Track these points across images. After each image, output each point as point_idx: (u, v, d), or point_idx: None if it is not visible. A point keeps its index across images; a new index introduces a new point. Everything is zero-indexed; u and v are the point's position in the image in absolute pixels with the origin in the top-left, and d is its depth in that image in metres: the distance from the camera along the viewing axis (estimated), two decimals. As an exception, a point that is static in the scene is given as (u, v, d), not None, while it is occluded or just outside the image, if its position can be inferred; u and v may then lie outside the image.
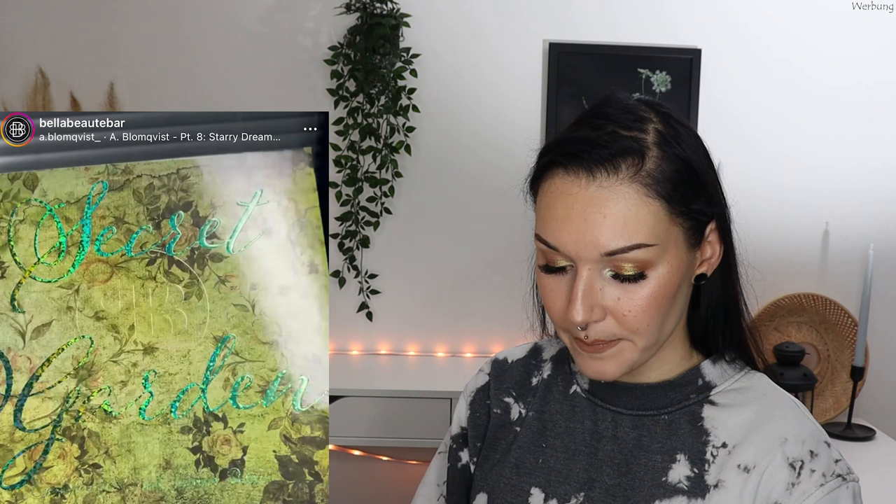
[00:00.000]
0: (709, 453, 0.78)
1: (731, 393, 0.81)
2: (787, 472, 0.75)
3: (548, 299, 0.78)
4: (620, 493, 0.79)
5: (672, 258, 0.74)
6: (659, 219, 0.73)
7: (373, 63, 2.01)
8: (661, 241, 0.73)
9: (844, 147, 2.15)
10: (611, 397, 0.83)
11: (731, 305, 0.83)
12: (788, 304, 2.13)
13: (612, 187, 0.72)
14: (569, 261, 0.75)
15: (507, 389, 0.91)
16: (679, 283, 0.76)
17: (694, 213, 0.75)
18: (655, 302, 0.74)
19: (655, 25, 2.12)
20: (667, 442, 0.79)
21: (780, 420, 0.78)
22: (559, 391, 0.87)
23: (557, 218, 0.74)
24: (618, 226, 0.72)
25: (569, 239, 0.73)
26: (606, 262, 0.73)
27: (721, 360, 0.83)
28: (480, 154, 2.15)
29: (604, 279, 0.74)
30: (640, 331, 0.75)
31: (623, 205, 0.72)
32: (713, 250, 0.79)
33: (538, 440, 0.85)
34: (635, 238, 0.72)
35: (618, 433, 0.81)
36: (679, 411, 0.81)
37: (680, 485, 0.77)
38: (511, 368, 0.93)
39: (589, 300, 0.74)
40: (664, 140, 0.75)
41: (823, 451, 0.76)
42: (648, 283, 0.73)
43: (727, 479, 0.76)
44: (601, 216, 0.72)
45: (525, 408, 0.89)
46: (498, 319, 2.17)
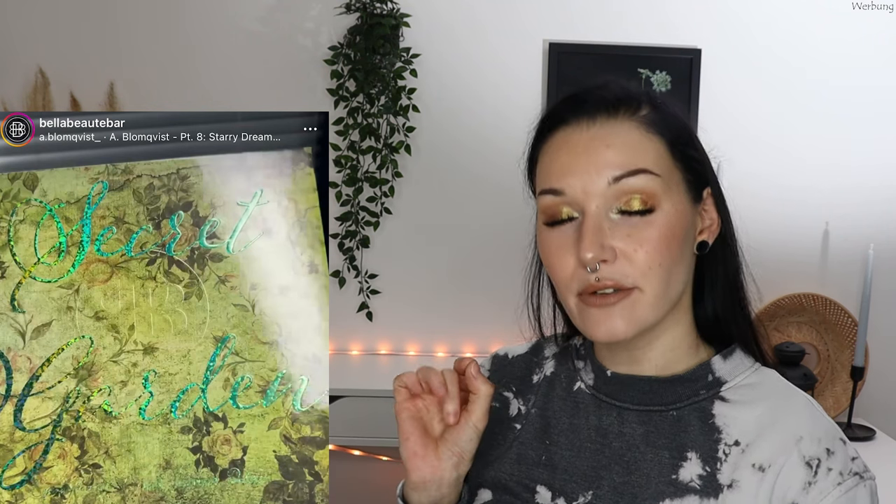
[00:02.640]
0: (721, 451, 0.77)
1: (742, 389, 0.80)
2: (803, 470, 0.73)
3: (554, 257, 0.77)
4: (628, 491, 0.77)
5: (676, 200, 0.76)
6: (660, 154, 0.76)
7: (373, 63, 2.01)
8: (664, 174, 0.75)
9: (844, 147, 2.15)
10: (616, 392, 0.82)
11: (736, 289, 0.83)
12: (788, 304, 2.13)
13: (612, 125, 0.76)
14: (575, 208, 0.76)
15: (507, 384, 0.90)
16: (685, 231, 0.77)
17: (692, 163, 0.78)
18: (665, 240, 0.75)
19: (655, 25, 2.12)
20: (675, 438, 0.78)
21: (795, 417, 0.77)
22: (562, 388, 0.86)
23: (561, 163, 0.76)
24: (622, 153, 0.75)
25: (575, 178, 0.75)
26: (612, 199, 0.74)
27: (731, 355, 0.82)
28: (480, 154, 2.15)
29: (611, 220, 0.75)
30: (651, 271, 0.74)
31: (625, 136, 0.75)
32: (711, 219, 0.80)
33: (542, 437, 0.84)
34: (640, 163, 0.75)
35: (624, 429, 0.80)
36: (689, 407, 0.79)
37: (692, 484, 0.76)
38: (511, 364, 0.92)
39: (599, 238, 0.74)
40: (654, 99, 0.79)
41: (840, 449, 0.75)
42: (656, 218, 0.75)
43: (741, 478, 0.75)
44: (605, 146, 0.75)
45: (525, 404, 0.88)
46: (498, 319, 2.17)
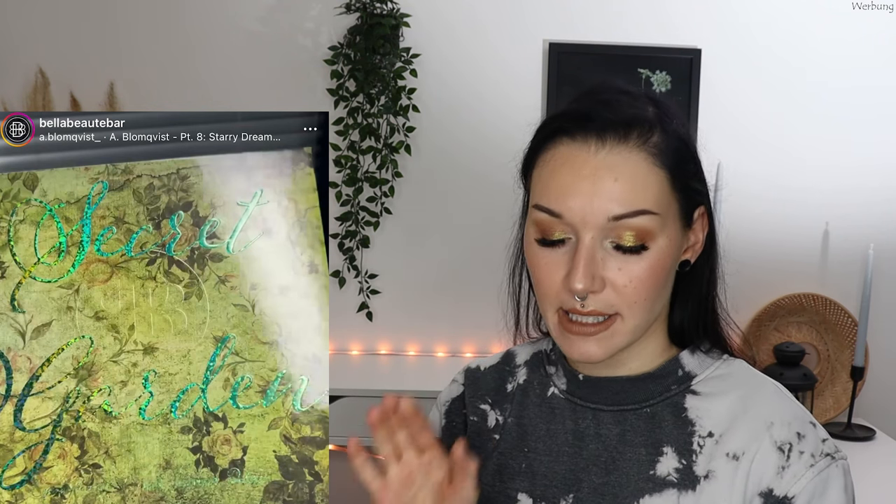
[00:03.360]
0: (695, 444, 0.77)
1: (712, 381, 0.81)
2: (776, 455, 0.74)
3: (542, 273, 0.77)
4: (609, 492, 0.78)
5: (670, 232, 0.75)
6: (663, 189, 0.74)
7: (373, 63, 2.01)
8: (663, 211, 0.74)
9: (844, 147, 2.15)
10: (589, 395, 0.82)
11: (709, 293, 0.83)
12: (788, 304, 2.13)
13: (622, 153, 0.73)
14: (569, 231, 0.74)
15: (483, 397, 0.91)
16: (673, 260, 0.77)
17: (690, 192, 0.77)
18: (654, 274, 0.74)
19: (655, 25, 2.12)
20: (651, 435, 0.79)
21: (764, 404, 0.78)
22: (536, 395, 0.87)
23: (563, 184, 0.74)
24: (627, 191, 0.72)
25: (575, 204, 0.73)
26: (609, 231, 0.73)
27: (699, 349, 0.83)
28: (480, 154, 2.15)
29: (605, 250, 0.74)
30: (636, 304, 0.75)
31: (633, 169, 0.73)
32: (696, 238, 0.80)
33: (520, 445, 0.85)
34: (642, 204, 0.73)
35: (600, 430, 0.81)
36: (661, 403, 0.80)
37: (669, 477, 0.77)
38: (484, 376, 0.93)
39: (591, 269, 0.73)
40: (662, 119, 0.76)
41: (810, 432, 0.76)
42: (649, 255, 0.74)
43: (717, 468, 0.76)
44: (612, 180, 0.72)
45: (502, 414, 0.88)
46: (498, 319, 2.15)
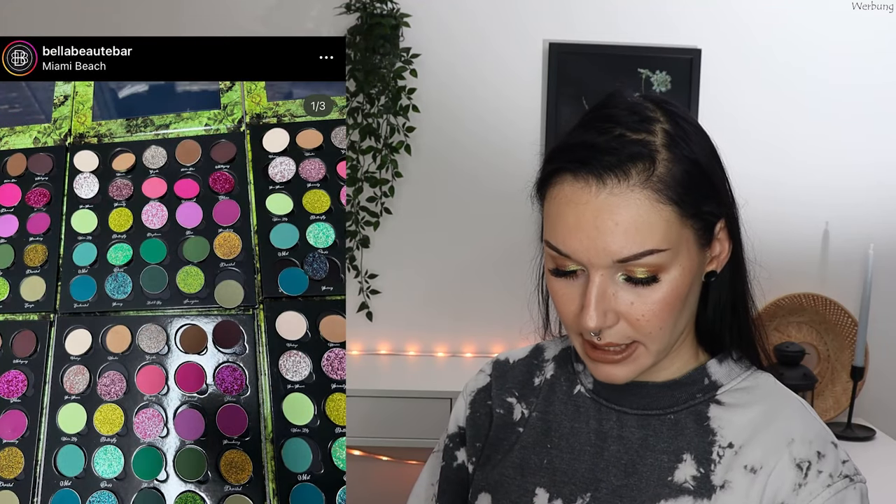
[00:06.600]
0: (715, 453, 0.77)
1: (737, 392, 0.81)
2: (793, 472, 0.74)
3: (559, 303, 0.77)
4: (627, 494, 0.78)
5: (684, 260, 0.74)
6: (671, 223, 0.72)
7: (373, 63, 2.01)
8: (672, 245, 0.72)
9: (844, 147, 2.15)
10: (616, 397, 0.82)
11: (739, 301, 0.82)
12: (788, 304, 2.13)
13: (623, 194, 0.71)
14: (580, 266, 0.74)
15: (510, 389, 0.90)
16: (690, 284, 0.76)
17: (705, 215, 0.75)
18: (668, 305, 0.73)
19: (655, 25, 2.11)
20: (673, 442, 0.79)
21: (787, 420, 0.78)
22: (563, 391, 0.87)
23: (567, 225, 0.73)
24: (630, 233, 0.71)
25: (580, 246, 0.72)
26: (619, 268, 0.72)
27: (727, 358, 0.82)
28: (480, 154, 2.15)
29: (616, 284, 0.73)
30: (653, 334, 0.74)
31: (635, 211, 0.71)
32: (722, 247, 0.78)
33: (543, 440, 0.85)
34: (647, 244, 0.71)
35: (623, 433, 0.81)
36: (685, 411, 0.80)
37: (686, 485, 0.77)
38: (513, 369, 0.92)
39: (602, 305, 0.73)
40: (672, 141, 0.73)
41: (830, 452, 0.76)
42: (661, 286, 0.73)
43: (733, 479, 0.76)
44: (613, 223, 0.71)
45: (528, 408, 0.88)
46: (498, 320, 2.16)
